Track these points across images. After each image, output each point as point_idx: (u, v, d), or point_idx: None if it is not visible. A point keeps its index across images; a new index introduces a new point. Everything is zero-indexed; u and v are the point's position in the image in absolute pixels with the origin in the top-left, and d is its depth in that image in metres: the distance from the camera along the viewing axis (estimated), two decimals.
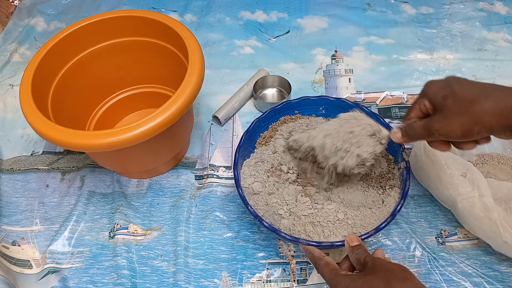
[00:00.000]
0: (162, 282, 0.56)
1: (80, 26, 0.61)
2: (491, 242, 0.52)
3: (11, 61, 0.87)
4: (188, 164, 0.69)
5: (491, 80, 0.77)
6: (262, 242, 0.59)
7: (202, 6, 0.96)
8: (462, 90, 0.39)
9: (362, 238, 0.46)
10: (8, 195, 0.66)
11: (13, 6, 1.00)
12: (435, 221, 0.60)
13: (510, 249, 0.50)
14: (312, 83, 0.80)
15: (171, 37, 0.60)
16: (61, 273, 0.57)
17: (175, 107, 0.50)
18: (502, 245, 0.51)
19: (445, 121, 0.40)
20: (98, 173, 0.68)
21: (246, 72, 0.79)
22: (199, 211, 0.63)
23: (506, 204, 0.52)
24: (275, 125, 0.63)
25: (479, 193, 0.52)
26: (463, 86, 0.40)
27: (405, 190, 0.52)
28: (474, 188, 0.52)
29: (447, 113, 0.40)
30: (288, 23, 0.91)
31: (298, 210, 0.53)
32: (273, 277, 0.56)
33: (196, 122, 0.73)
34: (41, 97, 0.56)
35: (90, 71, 0.65)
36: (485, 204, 0.51)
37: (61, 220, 0.63)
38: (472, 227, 0.53)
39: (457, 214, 0.55)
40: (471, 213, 0.52)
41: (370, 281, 0.37)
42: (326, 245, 0.48)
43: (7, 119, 0.77)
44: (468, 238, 0.58)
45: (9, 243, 0.61)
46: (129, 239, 0.60)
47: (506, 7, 0.91)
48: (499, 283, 0.53)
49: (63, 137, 0.48)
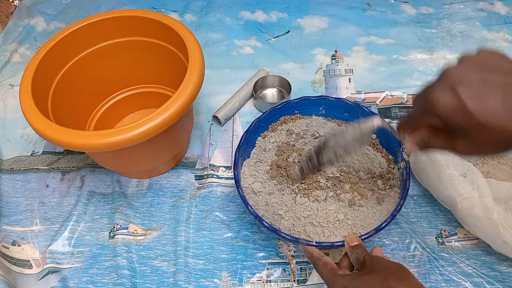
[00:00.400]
0: (162, 282, 0.56)
1: (80, 26, 0.60)
2: (491, 242, 0.52)
3: (11, 61, 0.87)
4: (188, 164, 0.69)
5: None
6: (262, 242, 0.59)
7: (202, 6, 0.96)
8: (481, 112, 0.30)
9: (362, 239, 0.46)
10: (8, 195, 0.66)
11: (13, 6, 1.00)
12: (435, 221, 0.60)
13: (510, 249, 0.50)
14: (312, 83, 0.80)
15: (171, 37, 0.60)
16: (61, 273, 0.57)
17: (175, 107, 0.50)
18: (502, 245, 0.51)
19: (473, 147, 0.33)
20: (98, 173, 0.68)
21: (246, 72, 0.79)
22: (199, 211, 0.63)
23: (506, 204, 0.52)
24: (275, 125, 0.63)
25: (479, 193, 0.52)
26: (477, 101, 0.30)
27: (405, 190, 0.52)
28: (474, 188, 0.52)
29: (473, 141, 0.33)
30: (288, 23, 0.91)
31: (298, 211, 0.52)
32: (273, 277, 0.56)
33: (196, 122, 0.73)
34: (41, 97, 0.56)
35: (90, 71, 0.65)
36: (485, 204, 0.51)
37: (61, 220, 0.63)
38: (472, 227, 0.53)
39: (457, 214, 0.56)
40: (471, 213, 0.52)
41: (368, 280, 0.37)
42: (326, 245, 0.48)
43: (7, 119, 0.77)
44: (468, 238, 0.58)
45: (9, 243, 0.61)
46: (129, 239, 0.60)
47: (506, 7, 0.91)
48: (499, 283, 0.53)
49: (63, 137, 0.48)
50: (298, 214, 0.52)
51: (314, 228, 0.51)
